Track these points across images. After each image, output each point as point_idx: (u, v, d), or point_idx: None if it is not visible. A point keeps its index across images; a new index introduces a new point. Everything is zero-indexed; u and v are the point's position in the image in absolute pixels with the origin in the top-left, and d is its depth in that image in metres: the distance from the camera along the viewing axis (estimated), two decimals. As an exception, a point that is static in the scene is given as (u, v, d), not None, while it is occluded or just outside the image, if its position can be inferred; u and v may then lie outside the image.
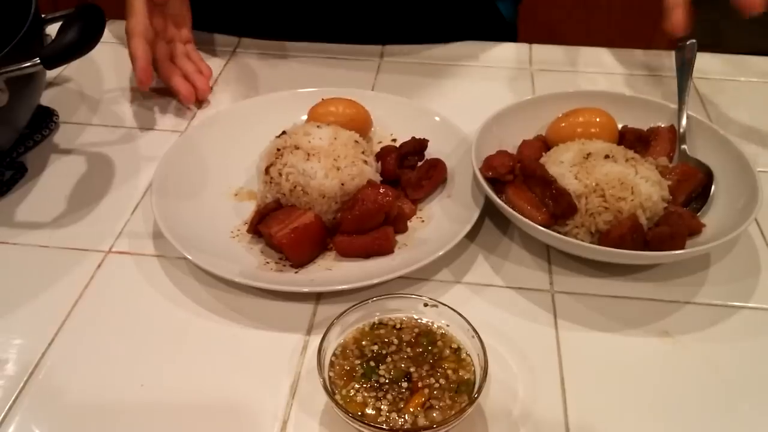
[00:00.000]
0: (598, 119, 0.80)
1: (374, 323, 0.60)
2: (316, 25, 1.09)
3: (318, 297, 0.67)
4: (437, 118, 0.86)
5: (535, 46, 1.09)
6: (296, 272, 0.69)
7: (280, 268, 0.69)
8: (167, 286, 0.68)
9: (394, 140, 0.85)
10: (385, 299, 0.61)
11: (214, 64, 1.03)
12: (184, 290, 0.68)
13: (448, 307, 0.59)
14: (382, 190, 0.71)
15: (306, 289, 0.65)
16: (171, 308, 0.66)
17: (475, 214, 0.72)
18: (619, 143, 0.79)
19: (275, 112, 0.86)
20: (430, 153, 0.81)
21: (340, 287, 0.65)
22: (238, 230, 0.74)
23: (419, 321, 0.60)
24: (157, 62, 0.91)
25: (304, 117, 0.84)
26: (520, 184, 0.72)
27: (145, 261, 0.71)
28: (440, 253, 0.67)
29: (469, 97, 0.97)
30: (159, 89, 0.96)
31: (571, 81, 1.01)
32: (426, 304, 0.60)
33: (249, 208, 0.76)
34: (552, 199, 0.69)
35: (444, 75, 1.02)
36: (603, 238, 0.68)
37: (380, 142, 0.85)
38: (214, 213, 0.75)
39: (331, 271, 0.69)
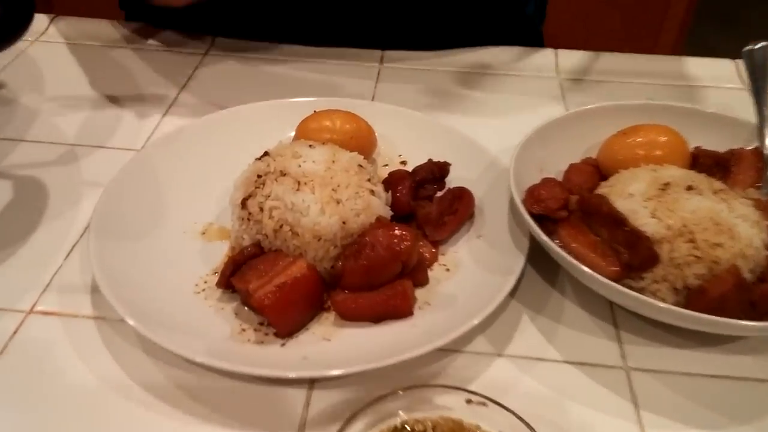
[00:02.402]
0: (664, 138, 0.65)
1: (396, 428, 0.43)
2: (306, 26, 0.96)
3: (312, 380, 0.52)
4: (457, 136, 0.72)
5: (562, 52, 0.95)
6: (283, 344, 0.54)
7: (261, 339, 0.54)
8: (106, 362, 0.54)
9: (404, 163, 0.72)
10: (410, 392, 0.44)
11: (182, 69, 0.89)
12: (130, 368, 0.54)
13: (503, 407, 0.42)
14: (397, 232, 0.56)
15: (293, 375, 0.50)
16: (110, 394, 0.52)
17: (519, 263, 0.56)
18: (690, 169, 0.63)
19: (255, 127, 0.73)
20: (451, 180, 0.68)
21: (340, 372, 0.49)
22: (206, 282, 0.60)
23: (460, 424, 0.43)
24: None
25: (292, 134, 0.71)
26: (578, 224, 0.57)
27: (78, 325, 0.57)
28: (475, 322, 0.52)
29: (487, 110, 0.84)
30: (114, 96, 0.83)
31: (610, 92, 0.87)
32: (469, 401, 0.44)
33: (220, 252, 0.63)
34: (626, 245, 0.53)
35: (455, 84, 0.89)
36: (696, 297, 0.52)
37: (386, 165, 0.72)
38: (174, 259, 0.61)
39: (330, 343, 0.54)
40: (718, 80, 0.88)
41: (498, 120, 0.81)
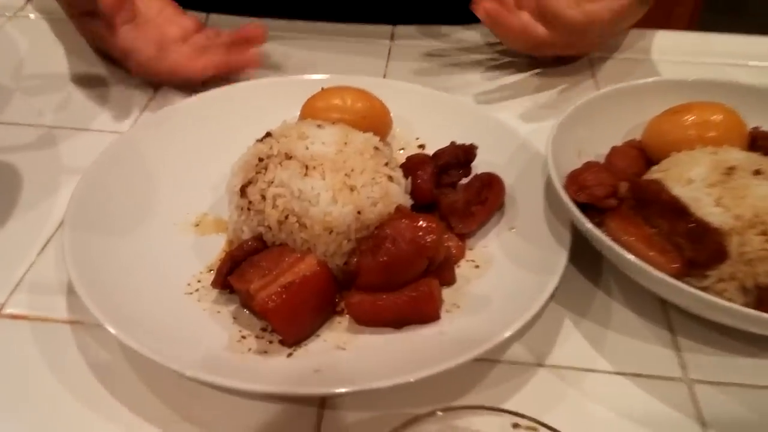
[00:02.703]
0: (719, 117, 0.58)
1: (429, 459, 0.35)
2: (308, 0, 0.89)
3: (324, 397, 0.46)
4: (481, 116, 0.67)
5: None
6: (290, 355, 0.47)
7: (264, 348, 0.48)
8: (82, 374, 0.48)
9: (422, 146, 0.67)
10: (444, 416, 0.36)
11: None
12: (109, 382, 0.48)
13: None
14: (422, 223, 0.49)
15: (302, 391, 0.44)
16: (86, 412, 0.46)
17: (561, 260, 0.50)
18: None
19: (255, 106, 0.68)
20: (476, 165, 0.62)
21: (357, 388, 0.43)
22: (199, 282, 0.54)
23: (506, 454, 0.36)
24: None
25: (297, 114, 0.66)
26: (629, 214, 0.51)
27: (51, 330, 0.51)
28: (508, 334, 0.45)
29: (509, 88, 0.79)
30: (98, 77, 0.78)
31: (643, 70, 0.81)
32: (516, 425, 0.36)
33: (216, 247, 0.57)
34: (689, 239, 0.47)
35: (473, 61, 0.83)
36: (769, 298, 0.44)
37: (403, 149, 0.67)
38: (162, 255, 0.56)
39: (344, 353, 0.48)
40: (759, 58, 0.82)
41: (522, 99, 0.75)
